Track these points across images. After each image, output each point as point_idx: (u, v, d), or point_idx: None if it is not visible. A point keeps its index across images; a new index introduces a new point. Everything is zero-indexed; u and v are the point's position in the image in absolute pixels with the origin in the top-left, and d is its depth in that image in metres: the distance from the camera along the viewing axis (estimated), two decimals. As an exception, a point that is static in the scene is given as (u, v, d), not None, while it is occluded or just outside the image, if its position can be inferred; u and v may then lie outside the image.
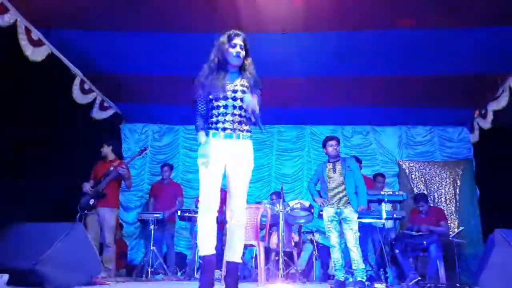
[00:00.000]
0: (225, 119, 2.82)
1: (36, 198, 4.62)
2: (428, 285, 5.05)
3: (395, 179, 7.42)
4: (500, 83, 5.79)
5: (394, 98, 6.50)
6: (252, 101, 2.75)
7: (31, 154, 4.70)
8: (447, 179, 7.28)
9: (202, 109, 2.95)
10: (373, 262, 5.73)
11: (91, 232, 5.04)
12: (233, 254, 2.87)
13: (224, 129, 2.82)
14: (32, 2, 4.47)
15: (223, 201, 2.91)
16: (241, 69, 2.96)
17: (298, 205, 5.58)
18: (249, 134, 2.91)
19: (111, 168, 5.27)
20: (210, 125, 2.89)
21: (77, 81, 5.83)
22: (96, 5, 4.55)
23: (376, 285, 4.94)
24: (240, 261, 2.89)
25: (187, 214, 5.94)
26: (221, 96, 2.84)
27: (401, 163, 7.48)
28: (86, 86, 6.09)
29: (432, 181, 7.31)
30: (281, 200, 5.31)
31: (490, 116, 6.34)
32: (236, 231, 2.87)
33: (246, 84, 2.90)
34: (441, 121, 7.37)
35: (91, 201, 5.12)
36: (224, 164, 2.85)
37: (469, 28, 4.74)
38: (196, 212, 5.86)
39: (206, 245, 2.76)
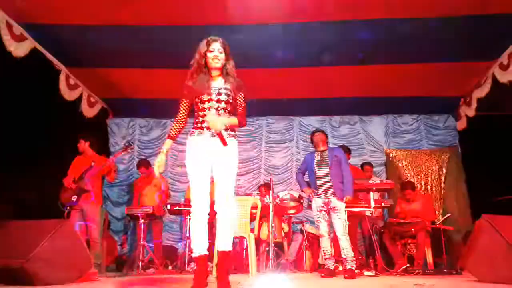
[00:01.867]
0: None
1: (23, 195, 4.56)
2: (417, 271, 5.13)
3: (382, 168, 7.49)
4: (483, 70, 5.86)
5: (381, 88, 6.54)
6: (212, 120, 2.80)
7: (17, 151, 4.63)
8: (434, 167, 7.38)
9: (180, 115, 3.08)
10: (362, 250, 5.80)
11: (76, 228, 4.99)
12: (223, 243, 2.93)
13: (208, 128, 2.89)
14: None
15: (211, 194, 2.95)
16: (223, 73, 3.02)
17: (288, 196, 5.60)
18: (233, 133, 2.99)
19: (92, 164, 5.19)
20: (196, 125, 2.98)
21: (62, 76, 5.74)
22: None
23: (365, 272, 5.00)
24: (229, 249, 2.94)
25: (176, 208, 5.92)
26: (206, 99, 2.92)
27: (388, 151, 7.55)
28: (72, 81, 6.00)
29: (419, 168, 7.40)
30: (271, 191, 5.33)
31: (474, 104, 6.43)
32: (224, 221, 2.93)
33: (229, 87, 2.98)
34: (427, 109, 7.45)
35: (74, 198, 5.05)
36: (210, 162, 2.93)
37: (454, 16, 4.77)
38: (185, 206, 5.87)
39: (197, 246, 2.87)
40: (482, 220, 3.54)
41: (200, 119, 2.95)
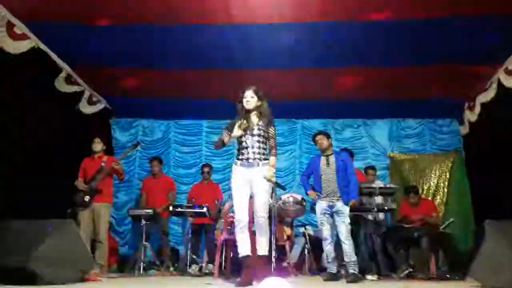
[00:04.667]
0: (248, 152, 3.75)
1: (24, 195, 4.56)
2: (419, 276, 5.10)
3: (386, 172, 7.45)
4: (488, 75, 5.83)
5: (385, 91, 6.51)
6: (268, 175, 3.67)
7: (18, 151, 4.63)
8: (437, 171, 7.34)
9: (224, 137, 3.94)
10: (365, 254, 5.76)
11: (85, 229, 5.00)
12: (259, 248, 3.70)
13: (247, 159, 3.76)
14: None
15: None
16: (258, 112, 3.83)
17: (290, 199, 5.58)
18: (266, 161, 3.77)
19: (103, 164, 5.22)
20: (238, 156, 3.84)
21: (63, 75, 5.75)
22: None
23: (368, 276, 4.98)
24: (265, 253, 3.70)
25: (179, 209, 5.91)
26: (244, 135, 3.77)
27: (392, 155, 7.52)
28: (73, 80, 6.01)
29: (423, 173, 7.36)
30: (273, 194, 5.30)
31: (477, 109, 6.38)
32: (258, 229, 3.71)
33: (262, 123, 3.79)
34: (432, 113, 7.41)
35: (86, 198, 5.08)
36: (250, 184, 3.76)
37: (458, 18, 4.73)
38: (188, 207, 5.87)
39: (241, 248, 3.68)
40: (486, 225, 3.52)
41: (240, 151, 3.81)
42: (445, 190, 7.26)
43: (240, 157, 3.80)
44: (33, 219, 3.70)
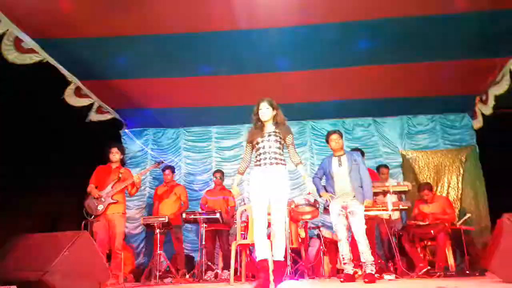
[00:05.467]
0: (265, 157, 3.84)
1: (38, 207, 4.60)
2: (438, 273, 5.03)
3: (399, 170, 7.38)
4: (499, 67, 5.75)
5: (394, 88, 6.46)
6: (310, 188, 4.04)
7: (30, 163, 4.68)
8: (451, 167, 7.25)
9: (246, 155, 4.07)
10: (382, 254, 5.71)
11: (100, 239, 5.00)
12: (276, 253, 3.72)
13: (265, 164, 3.83)
14: (28, 13, 4.47)
15: None
16: (274, 122, 3.97)
17: (303, 201, 5.55)
18: (283, 166, 3.88)
19: (120, 175, 5.22)
20: (256, 161, 3.93)
21: (72, 87, 5.84)
22: (91, 11, 4.54)
23: (385, 276, 4.92)
24: (281, 258, 3.73)
25: (192, 216, 5.91)
26: (260, 140, 3.89)
27: (404, 153, 7.46)
28: (83, 93, 6.08)
29: (436, 169, 7.28)
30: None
31: (491, 101, 6.30)
32: (275, 234, 3.74)
33: (278, 130, 3.91)
34: (442, 109, 7.33)
35: (100, 207, 5.07)
36: (268, 188, 3.79)
37: (466, 12, 4.69)
38: (201, 214, 5.87)
39: (259, 252, 3.68)
40: (504, 219, 3.46)
41: (258, 157, 3.89)
42: (460, 185, 7.17)
43: (257, 162, 3.89)
44: (49, 232, 3.74)
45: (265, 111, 3.92)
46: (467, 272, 5.20)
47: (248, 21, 4.79)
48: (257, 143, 3.90)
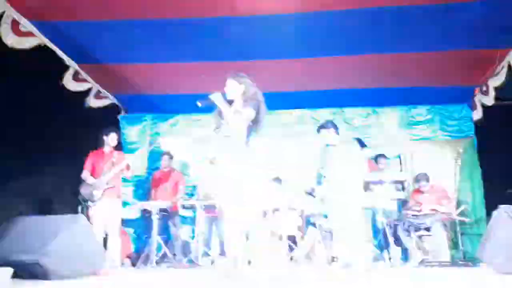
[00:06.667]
0: None
1: (34, 190, 4.61)
2: (432, 263, 5.06)
3: (397, 160, 7.38)
4: (499, 58, 5.71)
5: (394, 78, 6.43)
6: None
7: (28, 147, 4.67)
8: (449, 158, 7.24)
9: None
10: (377, 243, 5.75)
11: (96, 224, 5.03)
12: None
13: None
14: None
15: None
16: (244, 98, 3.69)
17: (300, 190, 5.58)
18: None
19: (114, 159, 5.22)
20: None
21: (71, 71, 5.79)
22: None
23: (380, 266, 4.95)
24: None
25: (189, 203, 5.93)
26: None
27: (402, 143, 7.44)
28: (81, 77, 6.04)
29: (434, 160, 7.28)
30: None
31: (492, 93, 6.26)
32: None
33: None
34: (442, 99, 7.30)
35: (96, 193, 5.09)
36: None
37: (467, 2, 4.64)
38: (198, 200, 5.89)
39: None
40: (500, 211, 3.48)
41: None
42: (457, 177, 7.18)
43: None
44: (46, 215, 3.75)
45: (231, 88, 3.81)
46: (461, 262, 5.24)
47: (245, 8, 4.74)
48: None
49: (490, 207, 6.02)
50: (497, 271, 3.54)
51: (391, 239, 5.27)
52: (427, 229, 5.57)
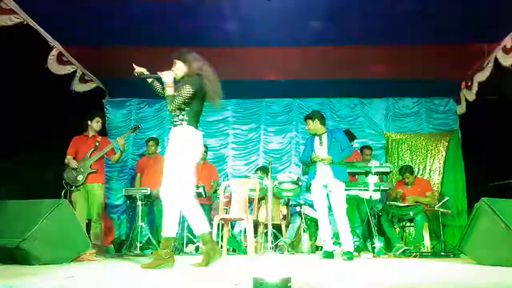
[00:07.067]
0: None
1: (16, 174, 4.52)
2: (414, 254, 5.15)
3: (382, 151, 7.45)
4: (486, 53, 5.77)
5: (381, 70, 6.45)
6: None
7: (9, 130, 4.57)
8: (433, 151, 7.34)
9: None
10: (360, 233, 5.81)
11: (79, 209, 4.98)
12: None
13: None
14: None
15: None
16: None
17: (286, 179, 5.59)
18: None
19: (97, 144, 5.16)
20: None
21: (54, 53, 5.63)
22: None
23: (363, 255, 5.01)
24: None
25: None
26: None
27: (388, 135, 7.51)
28: (66, 59, 5.90)
29: (418, 152, 7.38)
30: (269, 173, 5.32)
31: (475, 88, 6.35)
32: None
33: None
34: (428, 92, 7.36)
35: (79, 177, 5.03)
36: None
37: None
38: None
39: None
40: (481, 203, 3.53)
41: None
42: (441, 170, 7.29)
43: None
44: (28, 200, 3.68)
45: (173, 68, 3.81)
46: (442, 253, 5.34)
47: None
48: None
49: (472, 199, 6.13)
50: (477, 262, 3.61)
51: (374, 229, 5.33)
52: (410, 220, 5.66)
